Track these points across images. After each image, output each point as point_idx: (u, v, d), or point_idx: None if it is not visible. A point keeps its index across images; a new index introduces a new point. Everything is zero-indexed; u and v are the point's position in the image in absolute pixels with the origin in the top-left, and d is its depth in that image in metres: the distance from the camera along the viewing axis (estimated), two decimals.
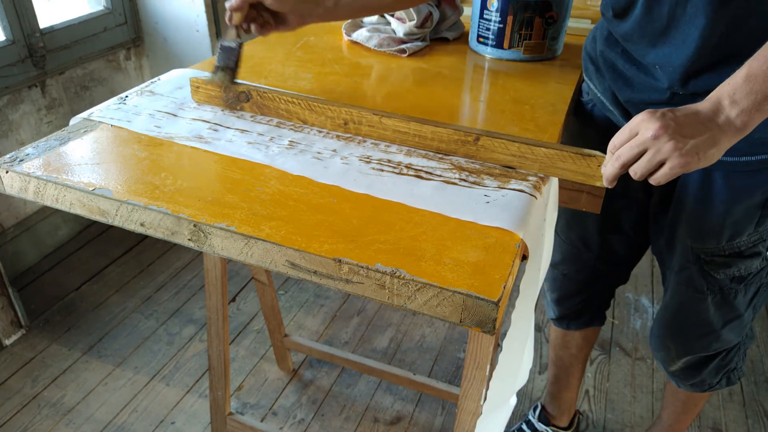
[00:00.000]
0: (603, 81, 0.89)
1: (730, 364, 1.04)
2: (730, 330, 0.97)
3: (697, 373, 1.06)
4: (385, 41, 1.08)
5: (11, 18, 1.66)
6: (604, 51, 0.87)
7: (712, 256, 0.89)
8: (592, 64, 0.92)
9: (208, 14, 2.00)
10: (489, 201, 0.64)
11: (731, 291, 0.92)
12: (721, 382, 1.07)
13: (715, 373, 1.05)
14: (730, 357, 1.03)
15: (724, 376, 1.06)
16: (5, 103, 1.70)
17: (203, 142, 0.74)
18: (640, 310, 1.85)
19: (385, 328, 1.74)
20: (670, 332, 1.03)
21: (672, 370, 1.09)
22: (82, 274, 1.90)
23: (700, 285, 0.93)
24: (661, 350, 1.07)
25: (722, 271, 0.89)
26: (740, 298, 0.93)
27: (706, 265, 0.90)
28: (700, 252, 0.89)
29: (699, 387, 1.09)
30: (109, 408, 1.46)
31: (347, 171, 0.69)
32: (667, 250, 0.96)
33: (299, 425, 1.44)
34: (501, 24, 1.02)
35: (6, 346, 1.62)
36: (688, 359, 1.04)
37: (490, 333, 0.52)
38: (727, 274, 0.89)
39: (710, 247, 0.88)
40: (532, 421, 1.42)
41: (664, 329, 1.04)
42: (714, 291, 0.92)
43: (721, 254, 0.88)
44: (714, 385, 1.08)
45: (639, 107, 0.84)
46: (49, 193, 0.66)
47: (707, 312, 0.95)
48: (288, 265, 0.57)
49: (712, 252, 0.88)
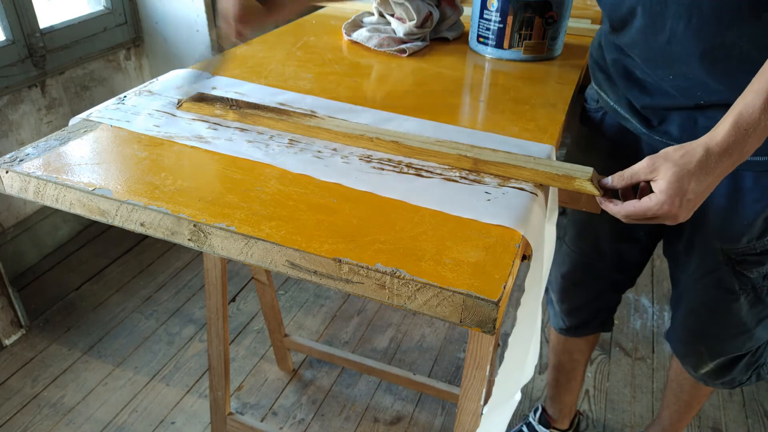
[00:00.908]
0: (616, 89, 0.88)
1: (759, 360, 1.04)
2: (764, 327, 0.96)
3: (727, 372, 1.05)
4: (385, 41, 1.08)
5: (11, 18, 1.66)
6: (618, 59, 0.85)
7: (743, 256, 0.88)
8: (602, 72, 0.91)
9: (208, 14, 2.00)
10: (490, 198, 0.64)
11: (764, 288, 0.91)
12: (751, 378, 1.06)
13: (746, 370, 1.05)
14: (759, 353, 1.03)
15: (754, 372, 1.06)
16: (5, 103, 1.70)
17: (203, 141, 0.74)
18: (640, 310, 1.85)
19: (385, 328, 1.74)
20: (702, 336, 1.02)
21: (703, 372, 1.07)
22: (82, 274, 1.90)
23: (732, 285, 0.92)
24: (690, 355, 1.06)
25: (755, 269, 0.89)
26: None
27: (738, 265, 0.89)
28: (730, 252, 0.88)
29: (729, 385, 1.08)
30: (109, 408, 1.46)
31: (348, 169, 0.69)
32: (686, 254, 0.95)
33: (299, 425, 1.44)
34: (501, 24, 1.02)
35: (6, 346, 1.62)
36: (720, 360, 1.03)
37: (490, 333, 0.52)
38: (761, 271, 0.89)
39: (742, 247, 0.87)
40: (533, 423, 1.42)
41: (693, 334, 1.03)
42: (747, 290, 0.91)
43: (753, 252, 0.87)
44: (744, 382, 1.07)
45: (659, 113, 0.83)
46: (49, 193, 0.66)
47: (740, 312, 0.94)
48: (288, 265, 0.57)
49: (743, 251, 0.88)
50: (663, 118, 0.83)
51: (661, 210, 0.63)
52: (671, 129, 0.83)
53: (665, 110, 0.82)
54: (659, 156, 0.64)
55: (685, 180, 0.62)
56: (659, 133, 0.84)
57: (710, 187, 0.64)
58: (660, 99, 0.82)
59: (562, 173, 0.67)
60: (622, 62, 0.85)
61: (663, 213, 0.63)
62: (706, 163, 0.62)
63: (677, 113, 0.81)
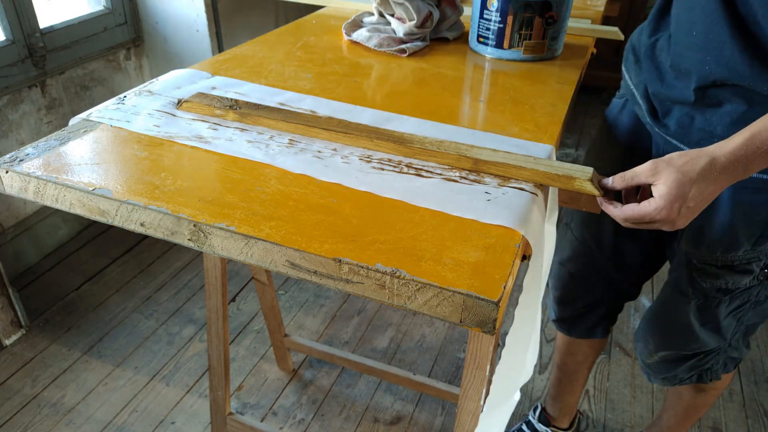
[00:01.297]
0: (640, 73, 0.89)
1: (705, 365, 1.04)
2: (708, 334, 0.97)
3: (671, 368, 1.07)
4: (385, 41, 1.08)
5: (11, 18, 1.66)
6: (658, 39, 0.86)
7: (703, 264, 0.89)
8: (633, 55, 0.92)
9: (208, 14, 2.00)
10: (490, 199, 0.64)
11: (715, 299, 0.92)
12: (692, 378, 1.07)
13: (689, 371, 1.06)
14: (707, 359, 1.03)
15: (696, 374, 1.07)
16: (5, 103, 1.70)
17: (203, 141, 0.74)
18: (640, 310, 1.85)
19: (385, 328, 1.74)
20: (651, 327, 1.05)
21: (648, 362, 1.10)
22: (82, 274, 1.90)
23: (686, 288, 0.93)
24: (641, 341, 1.09)
25: (709, 280, 0.90)
26: (722, 308, 0.93)
27: (695, 272, 0.90)
28: (693, 258, 0.90)
29: (670, 381, 1.10)
30: (109, 408, 1.46)
31: (348, 169, 0.69)
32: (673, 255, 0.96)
33: (299, 425, 1.44)
34: (501, 24, 1.02)
35: (6, 346, 1.62)
36: (664, 354, 1.05)
37: (490, 333, 0.52)
38: (714, 284, 0.90)
39: (703, 256, 0.88)
40: (533, 421, 1.42)
41: (647, 323, 1.06)
42: (698, 296, 0.93)
43: (713, 264, 0.88)
44: (684, 380, 1.08)
45: (665, 104, 0.84)
46: (49, 193, 0.66)
47: (688, 314, 0.95)
48: (288, 265, 0.57)
49: (704, 260, 0.88)
50: (667, 111, 0.84)
51: (659, 215, 0.64)
52: (670, 123, 0.84)
53: (670, 102, 0.83)
54: (663, 160, 0.64)
55: (686, 187, 0.62)
56: (659, 125, 0.85)
57: (710, 197, 0.64)
58: (668, 88, 0.82)
59: (562, 173, 0.67)
60: (657, 43, 0.86)
61: (661, 218, 0.64)
62: (709, 172, 0.63)
63: (678, 108, 0.82)
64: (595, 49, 1.18)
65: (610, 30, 1.20)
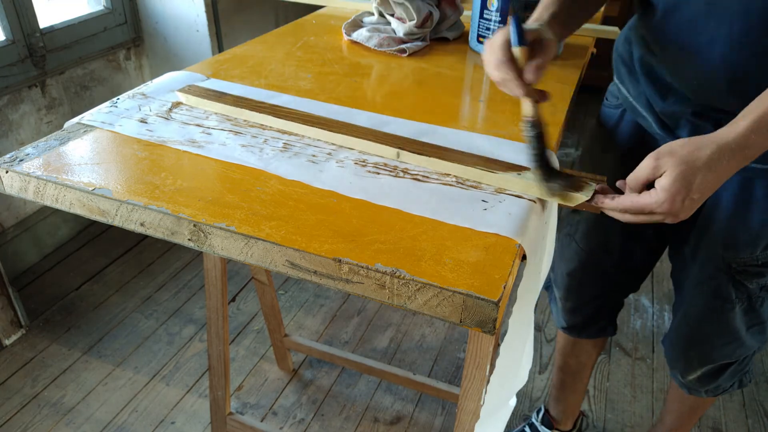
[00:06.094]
0: (637, 85, 0.87)
1: (745, 369, 1.03)
2: (753, 336, 0.96)
3: (714, 379, 1.04)
4: (385, 41, 1.08)
5: (11, 18, 1.66)
6: (644, 55, 0.84)
7: (745, 266, 0.87)
8: (625, 67, 0.89)
9: (208, 14, 2.00)
10: (486, 208, 0.64)
11: (759, 299, 0.90)
12: (733, 386, 1.06)
13: (731, 377, 1.04)
14: (746, 361, 1.02)
15: (737, 380, 1.05)
16: (5, 103, 1.70)
17: (196, 146, 0.73)
18: (640, 310, 1.85)
19: (385, 328, 1.74)
20: (694, 342, 1.00)
21: (690, 379, 1.06)
22: (82, 274, 1.90)
23: (729, 294, 0.90)
24: (680, 360, 1.05)
25: (755, 280, 0.88)
26: (766, 306, 0.91)
27: (738, 275, 0.88)
28: (732, 261, 0.87)
29: (713, 392, 1.07)
30: (109, 408, 1.46)
31: (343, 175, 0.68)
32: (691, 259, 0.93)
33: (299, 425, 1.44)
34: (501, 24, 1.02)
35: (6, 346, 1.62)
36: (709, 367, 1.02)
37: (490, 333, 0.52)
38: (759, 282, 0.88)
39: (745, 257, 0.86)
40: (536, 424, 1.41)
41: (686, 339, 1.01)
42: (742, 299, 0.90)
43: (755, 264, 0.86)
44: (727, 389, 1.07)
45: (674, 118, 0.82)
46: (49, 193, 0.66)
47: (734, 320, 0.93)
48: (288, 265, 0.57)
49: (745, 262, 0.86)
50: (677, 124, 0.83)
51: (660, 208, 0.60)
52: (683, 134, 0.82)
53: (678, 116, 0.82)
54: (663, 152, 0.60)
55: (690, 177, 0.59)
56: (673, 136, 0.83)
57: (714, 186, 0.60)
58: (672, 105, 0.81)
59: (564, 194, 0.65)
60: (646, 59, 0.84)
61: (663, 211, 0.60)
62: (716, 161, 0.59)
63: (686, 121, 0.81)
64: (595, 49, 1.18)
65: (610, 30, 1.20)
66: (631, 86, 0.89)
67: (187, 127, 0.78)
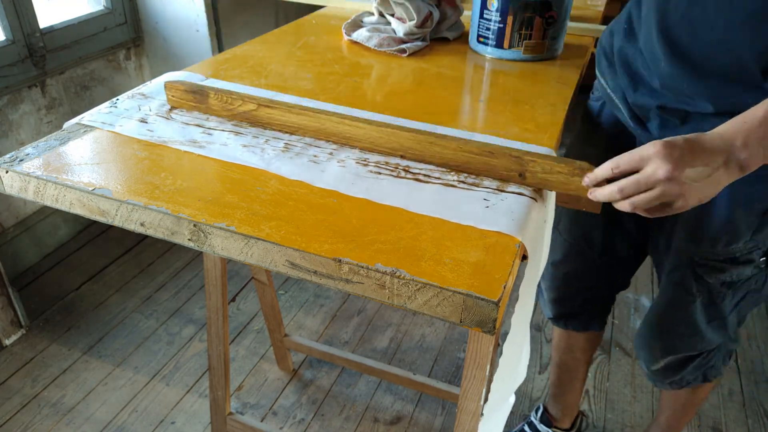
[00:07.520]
0: (615, 78, 0.88)
1: (709, 363, 1.05)
2: (713, 331, 0.97)
3: (677, 372, 1.06)
4: (385, 41, 1.08)
5: (11, 18, 1.66)
6: (624, 47, 0.86)
7: (706, 260, 0.89)
8: (606, 59, 0.91)
9: (208, 14, 2.00)
10: (488, 205, 0.64)
11: (719, 294, 0.92)
12: (697, 378, 1.07)
13: (694, 371, 1.06)
14: (710, 356, 1.03)
15: (701, 373, 1.07)
16: (5, 103, 1.70)
17: (197, 146, 0.73)
18: (640, 310, 1.85)
19: (385, 328, 1.74)
20: (657, 332, 1.04)
21: (653, 369, 1.09)
22: (82, 274, 1.90)
23: (690, 286, 0.93)
24: (644, 349, 1.08)
25: (715, 275, 0.89)
26: (727, 302, 0.93)
27: (699, 269, 0.90)
28: (694, 255, 0.89)
29: (677, 384, 1.09)
30: (109, 408, 1.46)
31: (344, 175, 0.68)
32: (665, 252, 0.96)
33: (299, 425, 1.44)
34: (501, 24, 1.02)
35: (6, 346, 1.62)
36: (670, 359, 1.04)
37: (490, 333, 0.52)
38: (719, 278, 0.89)
39: (706, 252, 0.88)
40: (534, 422, 1.42)
41: (650, 329, 1.05)
42: (703, 293, 0.92)
43: (716, 259, 0.88)
44: (691, 382, 1.08)
45: (644, 110, 0.83)
46: (49, 193, 0.66)
47: (694, 313, 0.95)
48: (288, 265, 0.57)
49: (706, 256, 0.88)
50: (647, 117, 0.84)
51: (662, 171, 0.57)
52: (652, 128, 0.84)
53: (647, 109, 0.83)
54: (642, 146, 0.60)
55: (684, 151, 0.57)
56: (643, 128, 0.85)
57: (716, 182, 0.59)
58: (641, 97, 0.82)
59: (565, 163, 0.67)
60: (625, 50, 0.85)
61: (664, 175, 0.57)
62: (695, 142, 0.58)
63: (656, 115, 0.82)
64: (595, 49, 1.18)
65: None
66: (609, 78, 0.90)
67: (187, 127, 0.78)
